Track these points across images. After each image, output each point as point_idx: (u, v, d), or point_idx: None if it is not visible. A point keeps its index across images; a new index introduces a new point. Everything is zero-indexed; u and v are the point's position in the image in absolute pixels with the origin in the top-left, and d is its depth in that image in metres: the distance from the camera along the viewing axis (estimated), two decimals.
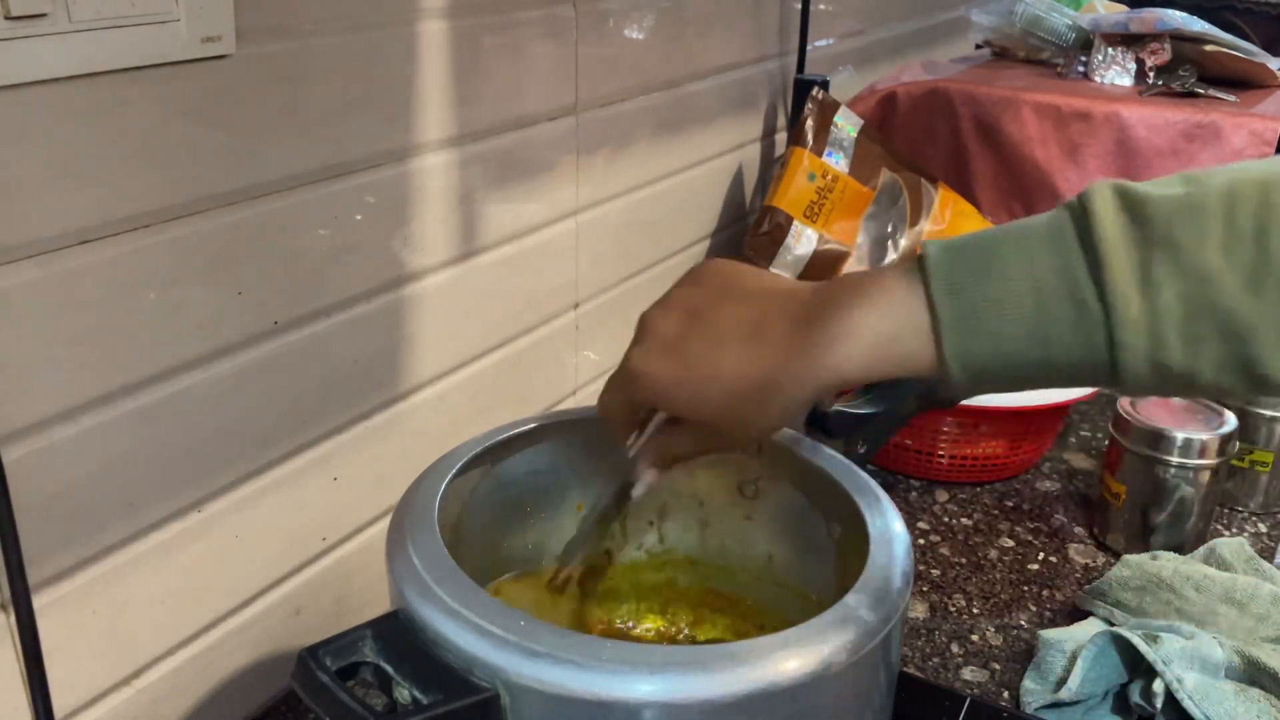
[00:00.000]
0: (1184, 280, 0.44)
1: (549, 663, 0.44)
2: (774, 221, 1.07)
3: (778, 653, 0.46)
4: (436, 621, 0.46)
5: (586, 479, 0.66)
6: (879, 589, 0.50)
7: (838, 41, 1.39)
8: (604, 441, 0.59)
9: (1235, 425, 0.86)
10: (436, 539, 0.51)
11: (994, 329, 0.46)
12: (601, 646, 0.45)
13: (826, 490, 0.60)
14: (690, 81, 1.05)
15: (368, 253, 0.71)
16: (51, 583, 0.56)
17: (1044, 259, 0.46)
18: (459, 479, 0.58)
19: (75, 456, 0.56)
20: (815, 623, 0.48)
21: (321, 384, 0.70)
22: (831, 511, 0.60)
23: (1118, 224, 0.45)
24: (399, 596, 0.49)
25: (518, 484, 0.65)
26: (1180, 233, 0.44)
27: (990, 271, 0.47)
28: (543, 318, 0.91)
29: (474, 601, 0.47)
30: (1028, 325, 0.46)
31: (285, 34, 0.61)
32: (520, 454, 0.64)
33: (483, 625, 0.45)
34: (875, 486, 0.59)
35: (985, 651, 0.78)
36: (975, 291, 0.47)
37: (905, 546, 0.54)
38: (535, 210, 0.87)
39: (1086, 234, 0.46)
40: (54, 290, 0.53)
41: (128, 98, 0.54)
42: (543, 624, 0.46)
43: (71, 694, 0.59)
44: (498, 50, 0.78)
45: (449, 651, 0.46)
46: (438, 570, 0.49)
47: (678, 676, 0.44)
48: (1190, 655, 0.68)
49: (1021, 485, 1.00)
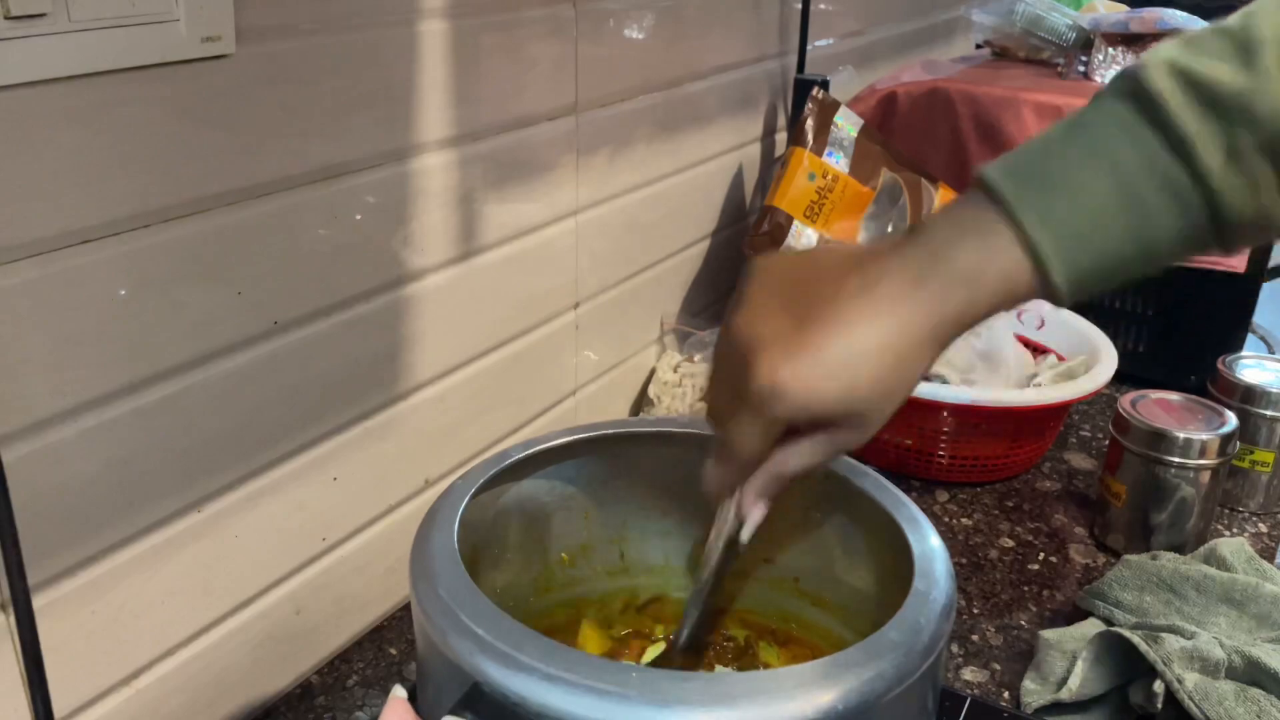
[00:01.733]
0: (1261, 130, 0.45)
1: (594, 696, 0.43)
2: (774, 221, 1.07)
3: (819, 683, 0.44)
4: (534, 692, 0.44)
5: (600, 495, 0.66)
6: (922, 613, 0.48)
7: (838, 41, 1.39)
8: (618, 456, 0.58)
9: (1236, 425, 0.86)
10: (484, 601, 0.48)
11: (1094, 243, 0.47)
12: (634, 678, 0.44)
13: (868, 511, 0.59)
14: (690, 81, 1.05)
15: (368, 253, 0.71)
16: (51, 583, 0.56)
17: (1123, 158, 0.47)
18: (474, 502, 0.57)
19: (75, 456, 0.56)
20: (855, 650, 0.46)
21: (321, 384, 0.70)
22: (873, 532, 0.59)
23: (1186, 104, 0.46)
24: (477, 670, 0.45)
25: (532, 504, 0.64)
26: (1248, 91, 0.45)
27: (1070, 186, 0.47)
28: (543, 318, 0.91)
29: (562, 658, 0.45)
30: (1125, 227, 0.47)
31: (285, 34, 0.61)
32: (535, 475, 0.63)
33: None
34: (913, 505, 0.58)
35: (985, 651, 0.78)
36: (1064, 212, 0.47)
37: (947, 569, 0.52)
38: (535, 210, 0.87)
39: (1160, 122, 0.46)
40: (54, 290, 0.53)
41: (128, 98, 0.54)
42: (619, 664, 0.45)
43: (71, 694, 0.59)
44: (498, 50, 0.78)
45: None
46: (514, 635, 0.46)
47: (683, 710, 0.43)
48: (1190, 655, 0.68)
49: (1021, 485, 1.00)
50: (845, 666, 0.45)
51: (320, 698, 0.73)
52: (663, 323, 1.11)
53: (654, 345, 1.11)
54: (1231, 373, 0.95)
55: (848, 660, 0.46)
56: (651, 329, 1.10)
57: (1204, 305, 1.13)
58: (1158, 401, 0.89)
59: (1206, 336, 1.13)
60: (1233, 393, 0.94)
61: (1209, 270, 1.11)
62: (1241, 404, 0.93)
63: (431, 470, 0.82)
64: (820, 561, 0.65)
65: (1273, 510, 0.96)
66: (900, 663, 0.46)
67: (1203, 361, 1.09)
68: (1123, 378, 1.05)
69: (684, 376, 1.07)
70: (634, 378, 1.09)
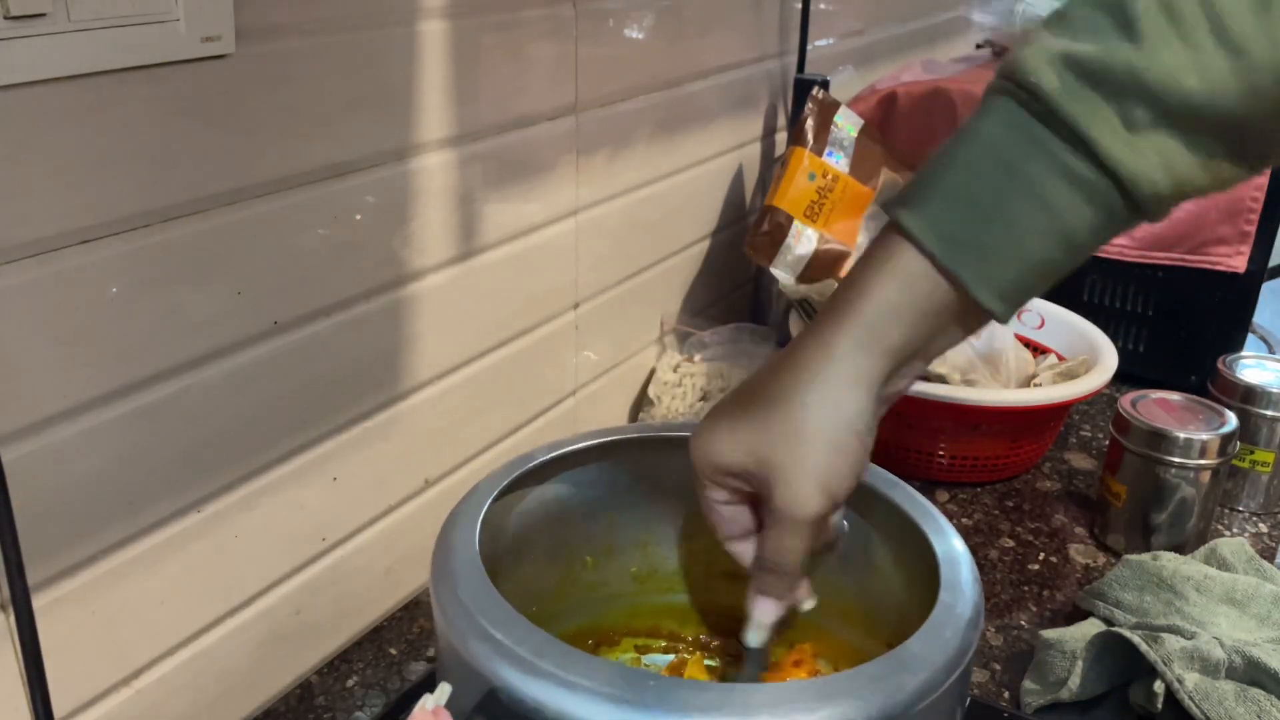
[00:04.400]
0: (1155, 101, 0.43)
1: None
2: (774, 221, 1.07)
3: (841, 696, 0.43)
4: (551, 699, 0.44)
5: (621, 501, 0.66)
6: (949, 624, 0.48)
7: (838, 41, 1.39)
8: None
9: (1236, 425, 0.86)
10: (504, 605, 0.48)
11: (1010, 253, 0.46)
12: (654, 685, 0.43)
13: (891, 519, 0.58)
14: (690, 81, 1.05)
15: (368, 253, 0.71)
16: (51, 583, 0.56)
17: (1018, 161, 0.45)
18: (493, 508, 0.56)
19: (75, 456, 0.56)
20: (879, 663, 0.45)
21: (321, 384, 0.70)
22: (898, 540, 0.59)
23: (1072, 89, 0.44)
24: (495, 675, 0.45)
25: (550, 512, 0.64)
26: (1136, 63, 0.43)
27: (970, 201, 0.46)
28: (543, 318, 0.91)
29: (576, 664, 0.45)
30: (1039, 231, 0.46)
31: (285, 34, 0.61)
32: (552, 480, 0.63)
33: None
34: (937, 512, 0.57)
35: (985, 651, 0.78)
36: (970, 231, 0.46)
37: (973, 575, 0.52)
38: (535, 210, 0.87)
39: (1047, 114, 0.44)
40: (54, 290, 0.53)
41: (128, 98, 0.54)
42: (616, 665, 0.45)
43: (71, 694, 0.59)
44: (498, 50, 0.78)
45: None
46: (532, 641, 0.46)
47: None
48: (1190, 655, 0.68)
49: (1021, 485, 1.00)
50: (869, 679, 0.44)
51: (320, 698, 0.73)
52: (663, 323, 1.11)
53: (654, 345, 1.11)
54: (1231, 373, 0.95)
55: (872, 672, 0.45)
56: (651, 329, 1.10)
57: (1204, 305, 1.13)
58: (1158, 401, 0.89)
59: (1206, 336, 1.13)
60: (1233, 393, 0.94)
61: (1209, 270, 1.11)
62: (1241, 404, 0.93)
63: (431, 470, 0.82)
64: (845, 573, 0.64)
65: (1273, 510, 0.96)
66: (927, 677, 0.45)
67: (1203, 361, 1.09)
68: (1123, 378, 1.05)
69: (684, 376, 1.07)
70: (634, 378, 1.09)
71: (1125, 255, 1.14)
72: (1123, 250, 1.14)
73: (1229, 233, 1.10)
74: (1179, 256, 1.12)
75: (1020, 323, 1.12)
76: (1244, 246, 1.09)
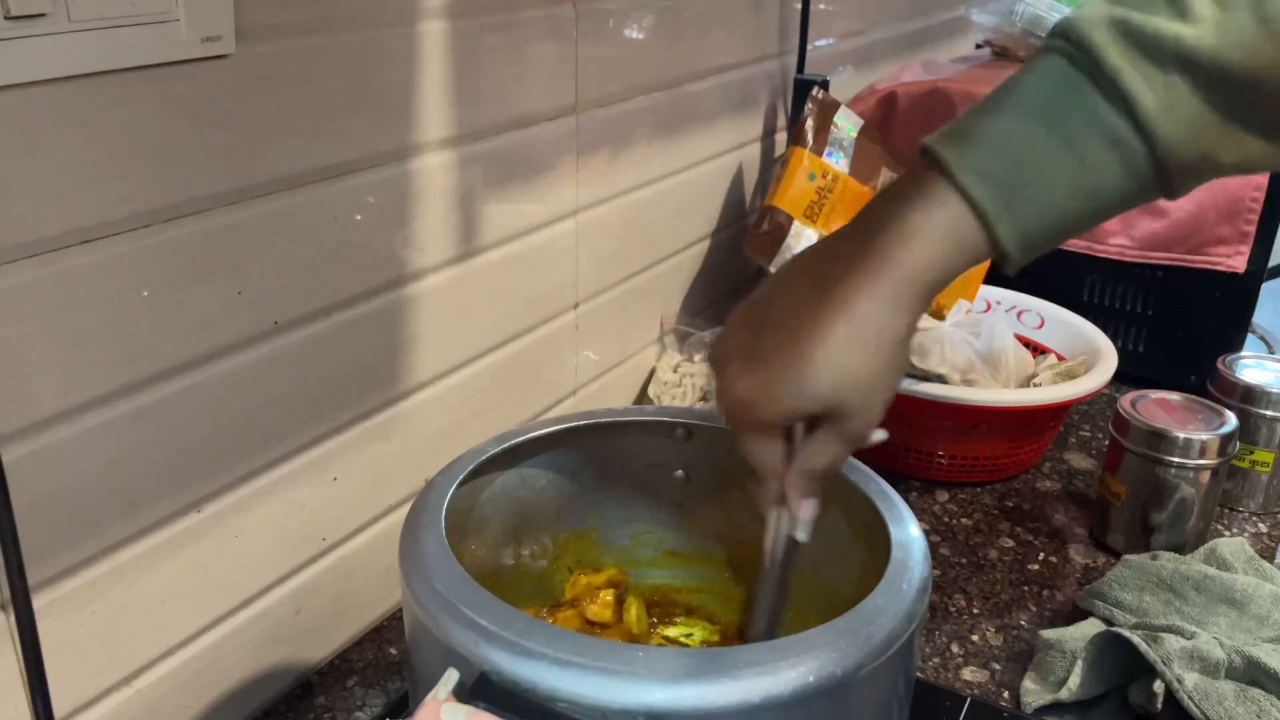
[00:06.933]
0: (1199, 72, 0.45)
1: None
2: (774, 221, 1.06)
3: (789, 659, 0.45)
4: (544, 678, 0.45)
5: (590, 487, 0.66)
6: (898, 593, 0.49)
7: (838, 41, 1.39)
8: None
9: (1236, 425, 0.86)
10: (483, 591, 0.49)
11: (1037, 196, 0.48)
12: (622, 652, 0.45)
13: (847, 495, 0.59)
14: (690, 81, 1.05)
15: (368, 252, 0.71)
16: (51, 583, 0.56)
17: (1062, 112, 0.47)
18: (461, 490, 0.58)
19: (75, 456, 0.56)
20: (831, 627, 0.47)
21: (321, 384, 0.70)
22: (852, 516, 0.60)
23: (1124, 53, 0.46)
24: (485, 661, 0.46)
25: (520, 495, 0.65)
26: (1183, 35, 0.45)
27: (1008, 143, 0.48)
28: (543, 318, 0.91)
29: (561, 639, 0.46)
30: (1068, 180, 0.47)
31: (285, 34, 0.61)
32: (521, 465, 0.64)
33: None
34: (891, 491, 0.58)
35: (985, 651, 0.78)
36: (1004, 168, 0.48)
37: (923, 552, 0.53)
38: (535, 210, 0.87)
39: (1099, 73, 0.47)
40: (54, 290, 0.53)
41: (128, 98, 0.54)
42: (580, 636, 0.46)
43: (71, 694, 0.59)
44: (498, 50, 0.78)
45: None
46: (518, 624, 0.47)
47: (692, 684, 0.44)
48: (1190, 655, 0.68)
49: (1021, 485, 1.00)
50: (836, 634, 0.46)
51: (320, 698, 0.73)
52: (663, 323, 1.11)
53: (654, 345, 1.11)
54: (1231, 373, 0.95)
55: (839, 628, 0.47)
56: (651, 329, 1.10)
57: (1204, 305, 1.13)
58: (1158, 401, 0.89)
59: (1206, 336, 1.13)
60: (1233, 393, 0.94)
61: (1209, 270, 1.11)
62: (1241, 404, 0.93)
63: (431, 470, 0.81)
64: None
65: (1273, 510, 0.96)
66: (871, 638, 0.47)
67: (1203, 361, 1.09)
68: (1123, 378, 1.05)
69: (684, 376, 1.07)
70: (634, 378, 1.09)
71: (1125, 255, 1.14)
72: (1122, 250, 1.14)
73: (1229, 233, 1.10)
74: (1179, 256, 1.12)
75: (1020, 323, 1.12)
76: (1244, 246, 1.09)
